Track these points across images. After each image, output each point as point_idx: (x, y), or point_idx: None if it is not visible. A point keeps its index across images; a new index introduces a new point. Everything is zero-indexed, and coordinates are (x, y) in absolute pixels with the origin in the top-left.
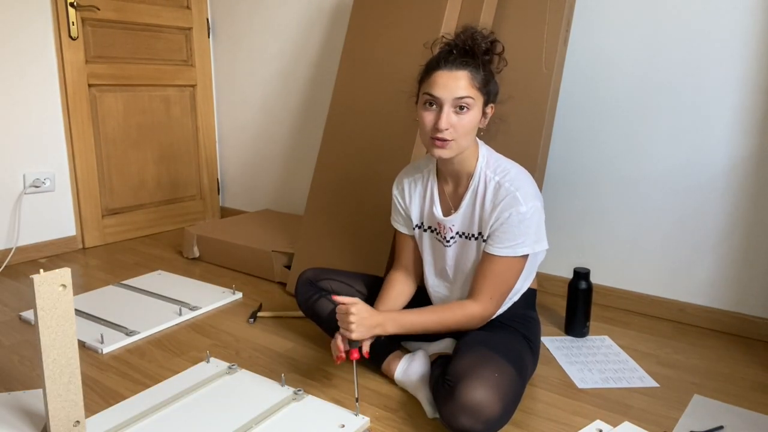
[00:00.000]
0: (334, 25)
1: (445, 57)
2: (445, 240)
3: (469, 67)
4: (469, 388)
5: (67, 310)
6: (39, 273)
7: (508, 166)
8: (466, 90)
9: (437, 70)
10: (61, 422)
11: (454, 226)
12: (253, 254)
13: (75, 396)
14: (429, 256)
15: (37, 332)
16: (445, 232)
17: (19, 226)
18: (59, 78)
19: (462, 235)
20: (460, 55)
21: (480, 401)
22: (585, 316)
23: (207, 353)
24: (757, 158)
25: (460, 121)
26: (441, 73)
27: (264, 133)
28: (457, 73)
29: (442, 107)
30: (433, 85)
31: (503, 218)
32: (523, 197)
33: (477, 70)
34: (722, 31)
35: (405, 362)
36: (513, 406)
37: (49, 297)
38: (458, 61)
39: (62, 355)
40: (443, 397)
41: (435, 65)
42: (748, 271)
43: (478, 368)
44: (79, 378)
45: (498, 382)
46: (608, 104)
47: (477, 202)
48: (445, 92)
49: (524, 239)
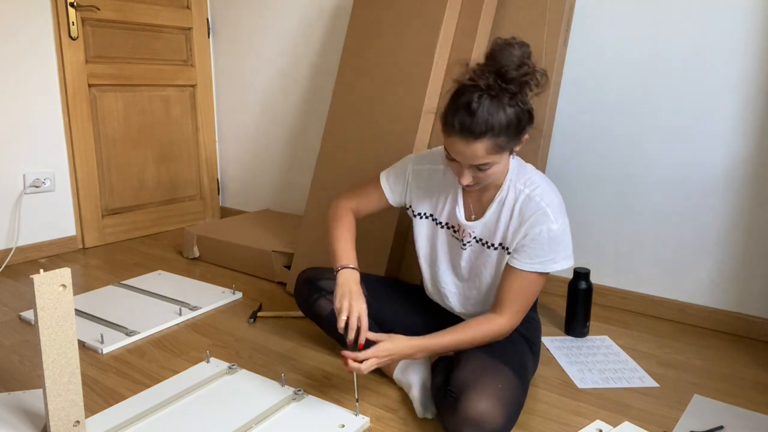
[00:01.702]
0: (334, 25)
1: (463, 123)
2: (462, 243)
3: (489, 133)
4: (472, 400)
5: (67, 310)
6: (39, 273)
7: (537, 180)
8: (485, 158)
9: (452, 135)
10: (61, 422)
11: (474, 232)
12: (253, 254)
13: (75, 396)
14: (443, 253)
15: (37, 332)
16: (464, 236)
17: (19, 226)
18: (59, 78)
19: (480, 241)
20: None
21: (483, 414)
22: (585, 316)
23: (207, 353)
24: (757, 158)
25: (484, 175)
26: (456, 140)
27: (264, 133)
28: (475, 144)
29: (462, 165)
30: (450, 147)
31: (533, 234)
32: (554, 214)
33: (500, 131)
34: (722, 31)
35: (405, 361)
36: (516, 415)
37: (49, 297)
38: (476, 129)
39: (62, 355)
40: (447, 408)
41: (452, 127)
42: (748, 271)
43: (481, 379)
44: (79, 378)
45: (501, 393)
46: (608, 104)
47: (504, 213)
48: (462, 158)
49: (554, 256)
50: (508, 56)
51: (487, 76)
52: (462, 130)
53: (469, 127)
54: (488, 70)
